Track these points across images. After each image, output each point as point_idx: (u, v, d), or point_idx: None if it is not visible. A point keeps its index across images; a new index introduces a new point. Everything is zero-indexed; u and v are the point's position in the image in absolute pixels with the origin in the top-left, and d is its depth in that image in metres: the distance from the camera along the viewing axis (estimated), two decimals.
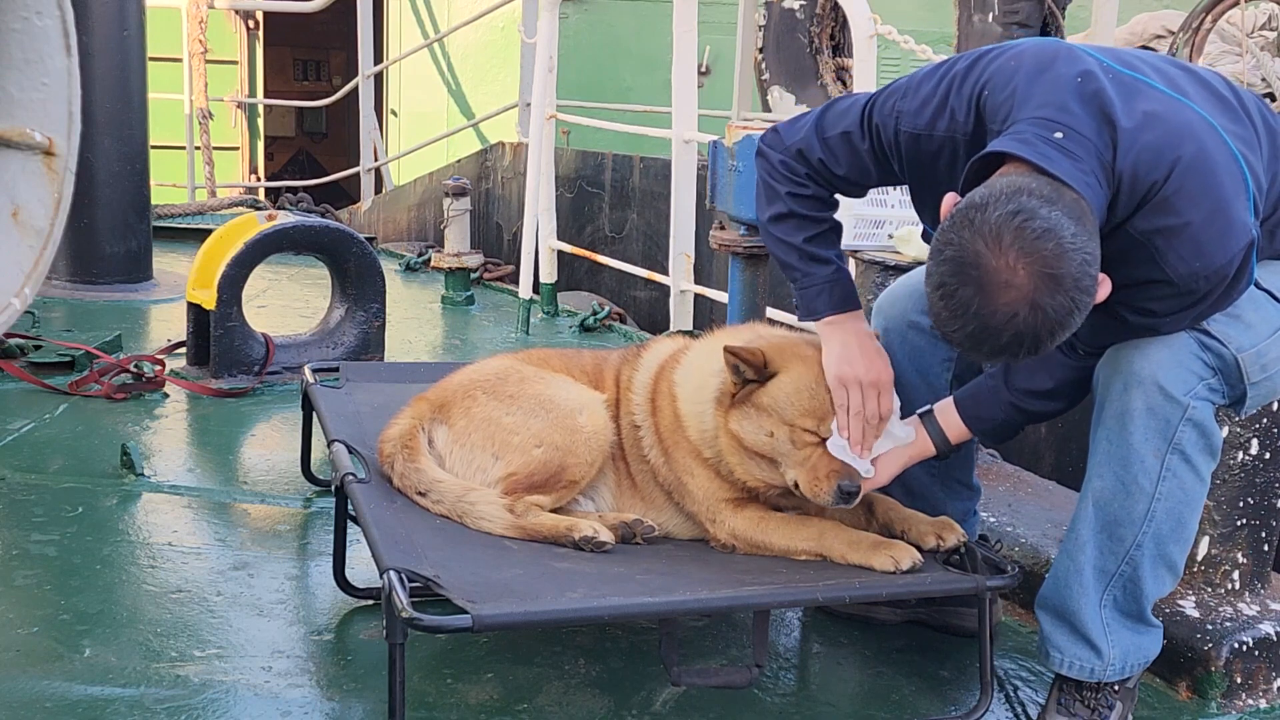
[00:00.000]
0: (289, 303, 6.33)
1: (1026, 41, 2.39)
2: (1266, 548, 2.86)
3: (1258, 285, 2.34)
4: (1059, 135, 2.16)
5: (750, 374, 2.59)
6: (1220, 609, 2.79)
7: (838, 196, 2.65)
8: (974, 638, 2.56)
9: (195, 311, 4.69)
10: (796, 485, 2.58)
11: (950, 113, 2.36)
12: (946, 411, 2.59)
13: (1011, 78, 2.28)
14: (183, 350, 4.81)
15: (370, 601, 2.88)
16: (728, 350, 2.59)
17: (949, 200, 2.21)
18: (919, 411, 2.62)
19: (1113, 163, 2.16)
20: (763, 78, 8.69)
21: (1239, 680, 2.71)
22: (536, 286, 6.33)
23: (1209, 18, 7.42)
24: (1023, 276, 2.04)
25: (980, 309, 2.07)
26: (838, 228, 2.66)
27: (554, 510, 2.70)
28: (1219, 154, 2.19)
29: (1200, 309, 2.27)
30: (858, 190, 2.65)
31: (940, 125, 2.38)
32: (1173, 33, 7.85)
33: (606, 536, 2.61)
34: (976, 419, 2.57)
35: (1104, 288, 2.14)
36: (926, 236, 2.81)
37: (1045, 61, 2.27)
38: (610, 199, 8.06)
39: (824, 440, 2.54)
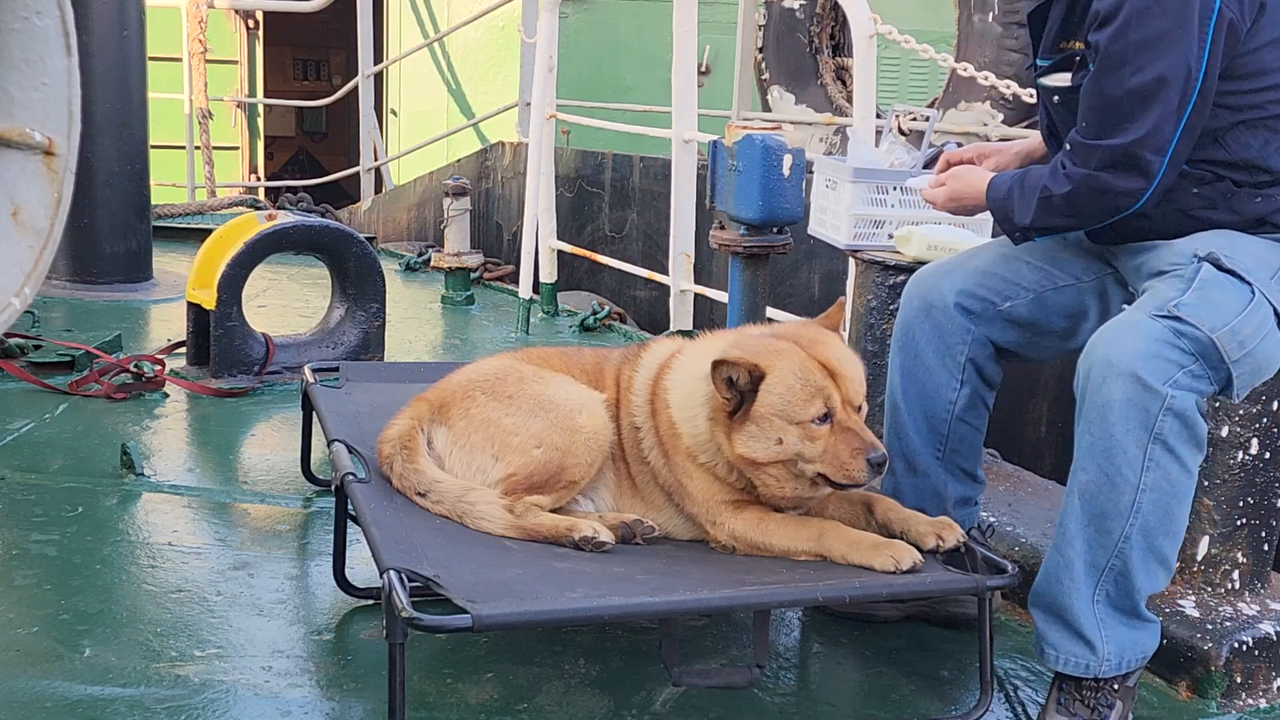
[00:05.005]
0: (289, 303, 6.33)
1: None
2: (1266, 547, 2.87)
3: (1219, 267, 2.38)
4: None
5: (745, 382, 2.55)
6: (1220, 609, 2.79)
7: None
8: (975, 630, 2.56)
9: (195, 311, 4.69)
10: (821, 477, 2.56)
11: None
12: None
13: None
14: (183, 350, 4.81)
15: (370, 601, 2.88)
16: (717, 364, 2.54)
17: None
18: None
19: None
20: (763, 77, 8.68)
21: (1239, 680, 2.71)
22: (536, 286, 6.32)
23: None
24: None
25: None
26: None
27: (554, 510, 2.70)
28: None
29: (1129, 40, 2.34)
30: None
31: None
32: None
33: (606, 536, 2.61)
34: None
35: None
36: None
37: None
38: (610, 199, 8.05)
39: (831, 416, 2.52)
